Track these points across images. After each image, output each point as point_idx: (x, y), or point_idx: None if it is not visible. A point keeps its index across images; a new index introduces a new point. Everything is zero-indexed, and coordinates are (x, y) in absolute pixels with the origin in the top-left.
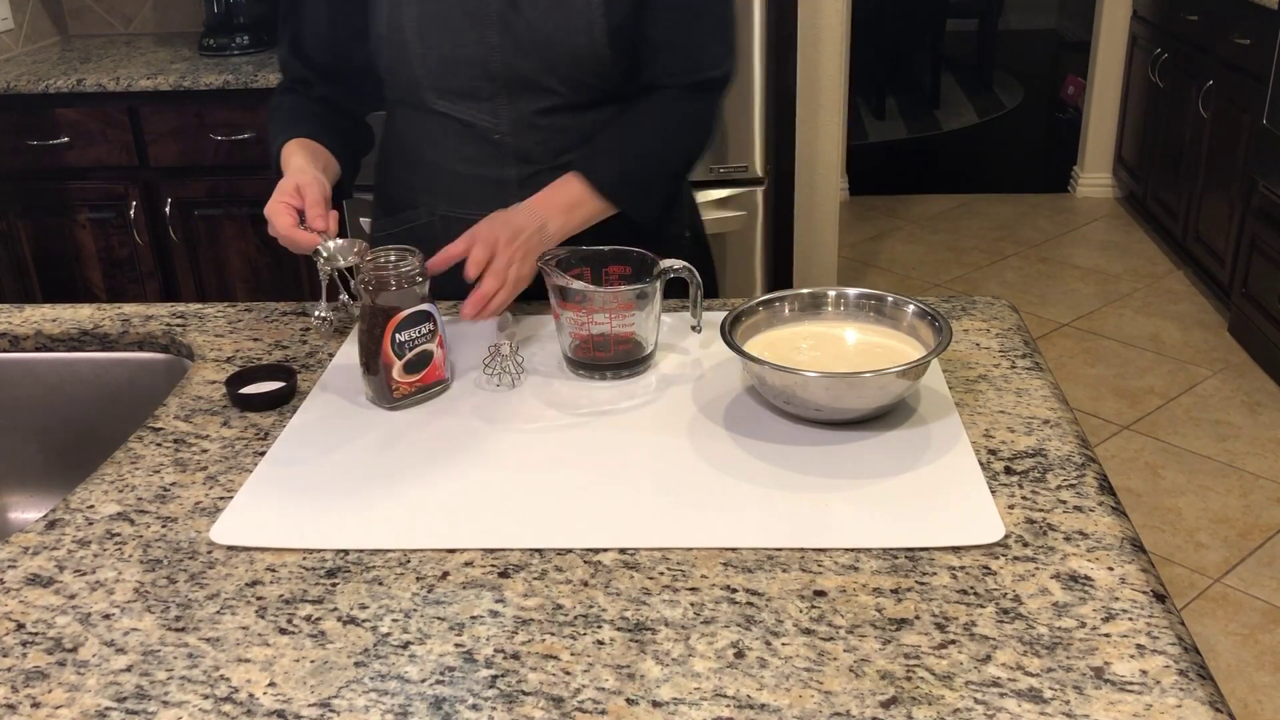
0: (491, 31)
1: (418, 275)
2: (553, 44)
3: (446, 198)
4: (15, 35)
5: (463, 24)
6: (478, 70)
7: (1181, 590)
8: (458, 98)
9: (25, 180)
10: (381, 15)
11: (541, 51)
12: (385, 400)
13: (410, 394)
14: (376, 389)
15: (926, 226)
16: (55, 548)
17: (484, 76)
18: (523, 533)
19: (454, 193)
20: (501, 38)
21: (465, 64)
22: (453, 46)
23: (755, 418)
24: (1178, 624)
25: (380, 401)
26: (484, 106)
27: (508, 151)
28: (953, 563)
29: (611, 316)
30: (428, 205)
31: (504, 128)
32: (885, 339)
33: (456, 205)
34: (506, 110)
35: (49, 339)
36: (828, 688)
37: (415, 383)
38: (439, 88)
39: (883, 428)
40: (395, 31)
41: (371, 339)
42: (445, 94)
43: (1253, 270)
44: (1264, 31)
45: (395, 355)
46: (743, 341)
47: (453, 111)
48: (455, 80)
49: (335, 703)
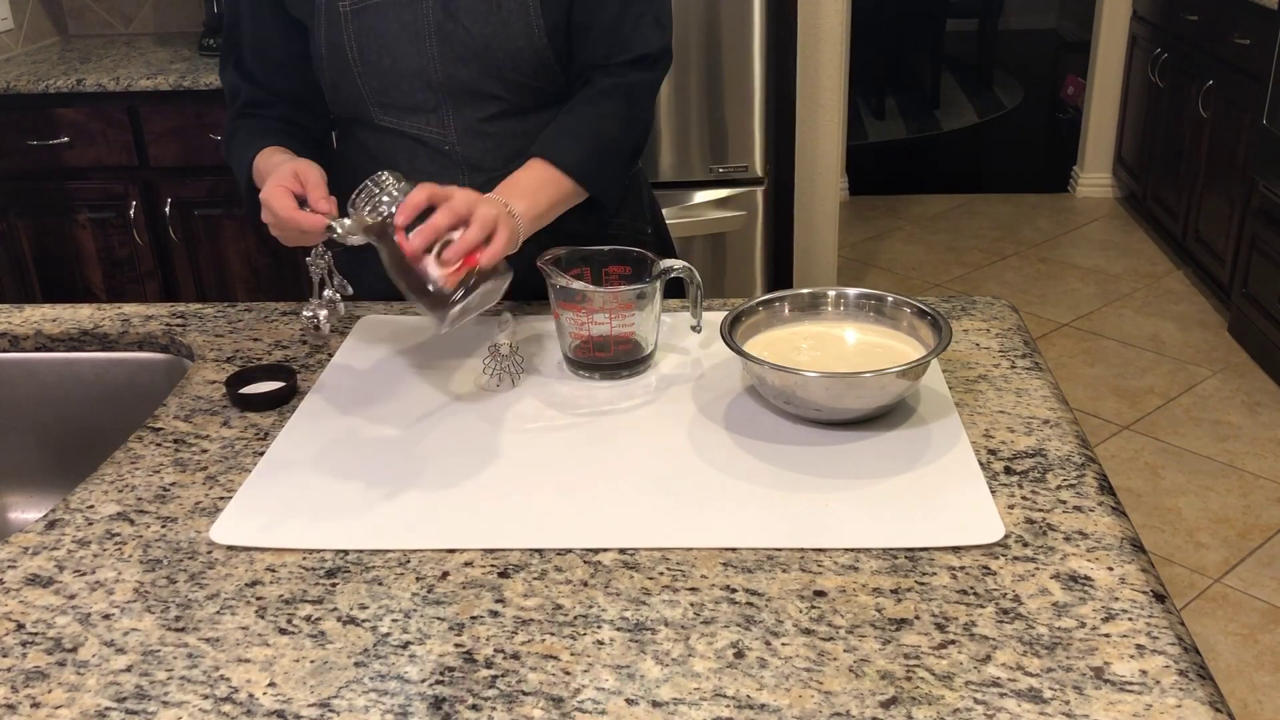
0: (430, 43)
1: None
2: (492, 50)
3: None
4: (15, 35)
5: (401, 38)
6: (419, 83)
7: (1181, 590)
8: (403, 111)
9: (25, 180)
10: (320, 35)
11: (481, 59)
12: (442, 305)
13: (462, 281)
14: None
15: (926, 226)
16: (55, 548)
17: (426, 88)
18: (523, 533)
19: None
20: (440, 49)
21: (406, 77)
22: (393, 61)
23: (755, 418)
24: (1178, 624)
25: (438, 308)
26: (430, 118)
27: (458, 161)
28: (953, 563)
29: (611, 316)
30: None
31: (452, 138)
32: (885, 339)
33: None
34: (452, 120)
35: (49, 339)
36: (828, 688)
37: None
38: (383, 103)
39: (883, 428)
40: (334, 50)
41: (396, 253)
42: (389, 109)
43: (1253, 270)
44: (1264, 31)
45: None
46: (743, 341)
47: (400, 126)
48: (398, 95)
49: (335, 703)
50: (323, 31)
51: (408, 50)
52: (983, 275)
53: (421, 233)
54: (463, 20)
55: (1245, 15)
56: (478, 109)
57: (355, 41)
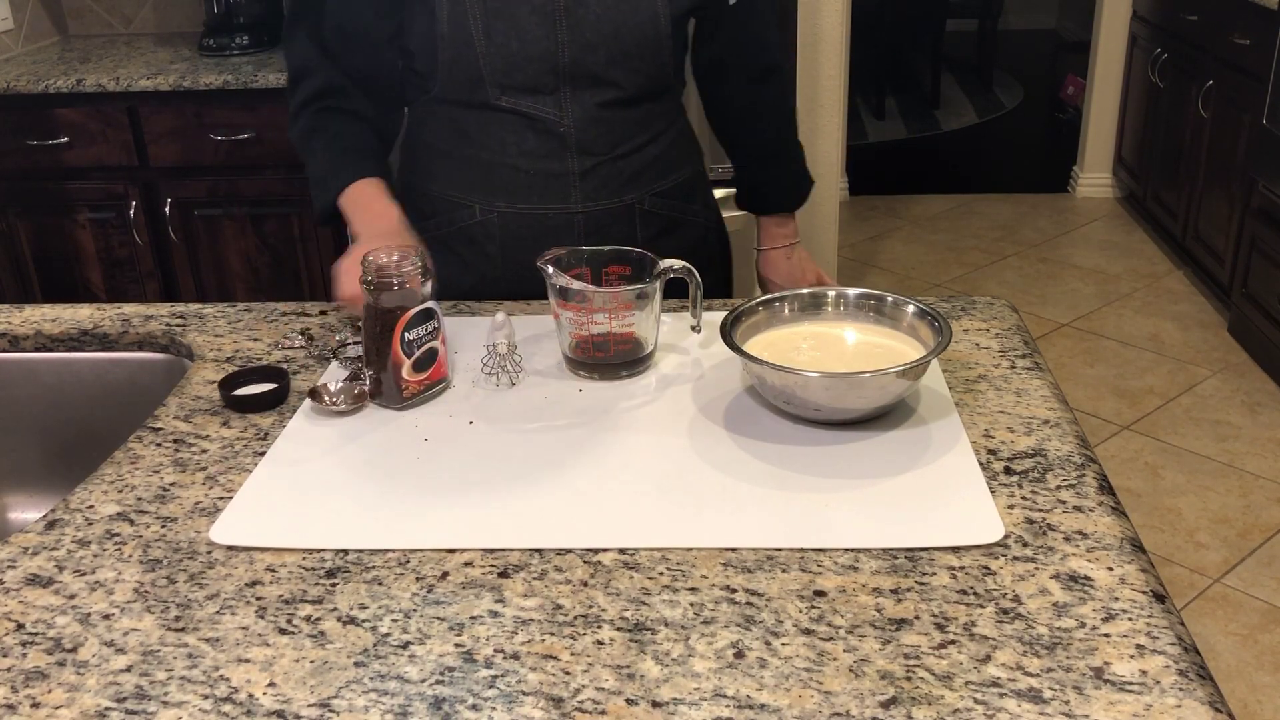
0: (559, 27)
1: (423, 273)
2: (621, 36)
3: (505, 194)
4: (15, 35)
5: (530, 20)
6: (544, 65)
7: (1181, 590)
8: (521, 93)
9: (25, 180)
10: (442, 12)
11: (609, 44)
12: (395, 400)
13: (419, 392)
14: (387, 389)
15: (926, 226)
16: (55, 548)
17: (550, 71)
18: (522, 533)
19: (513, 188)
20: (570, 33)
21: (532, 60)
22: (520, 43)
23: (755, 418)
24: (1177, 624)
25: (390, 402)
26: (548, 100)
27: (571, 144)
28: (952, 563)
29: (611, 316)
30: (482, 203)
31: (568, 121)
32: (885, 339)
33: (517, 200)
34: (570, 104)
35: (49, 339)
36: (827, 688)
37: (423, 380)
38: (502, 84)
39: (883, 428)
40: (458, 29)
41: (382, 340)
42: (509, 89)
43: (1252, 270)
44: (1264, 31)
45: (405, 354)
46: (742, 342)
47: (517, 106)
48: (521, 76)
49: (335, 703)
50: (445, 9)
51: (536, 33)
52: (983, 275)
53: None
54: (593, 5)
55: (1245, 15)
56: (596, 94)
57: (481, 21)
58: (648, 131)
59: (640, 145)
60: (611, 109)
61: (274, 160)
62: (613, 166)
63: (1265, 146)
